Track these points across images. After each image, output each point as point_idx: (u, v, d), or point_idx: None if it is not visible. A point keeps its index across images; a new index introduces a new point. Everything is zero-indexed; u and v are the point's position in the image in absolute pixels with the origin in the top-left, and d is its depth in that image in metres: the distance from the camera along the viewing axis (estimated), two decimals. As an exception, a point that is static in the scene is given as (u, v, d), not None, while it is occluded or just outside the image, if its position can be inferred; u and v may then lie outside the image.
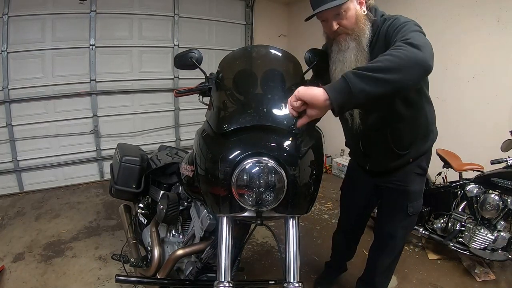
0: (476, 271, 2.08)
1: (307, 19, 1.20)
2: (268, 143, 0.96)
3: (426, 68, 0.94)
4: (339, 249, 1.92)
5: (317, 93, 0.89)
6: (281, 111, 1.03)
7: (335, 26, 1.18)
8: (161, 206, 1.40)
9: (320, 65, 1.28)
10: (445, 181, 2.38)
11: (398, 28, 1.12)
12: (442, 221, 2.24)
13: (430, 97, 1.38)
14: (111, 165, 1.96)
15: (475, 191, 2.08)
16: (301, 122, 0.93)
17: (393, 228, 1.52)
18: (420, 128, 1.38)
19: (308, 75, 1.33)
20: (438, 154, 2.40)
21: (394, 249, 1.57)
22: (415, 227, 2.29)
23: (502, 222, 1.99)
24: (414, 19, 1.20)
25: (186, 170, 1.30)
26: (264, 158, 0.92)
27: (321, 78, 1.38)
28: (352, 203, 1.72)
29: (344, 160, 4.00)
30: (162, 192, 1.63)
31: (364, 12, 1.20)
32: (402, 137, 1.35)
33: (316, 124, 1.21)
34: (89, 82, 3.61)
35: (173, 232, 1.53)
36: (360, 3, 1.20)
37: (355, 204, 1.70)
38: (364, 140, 1.42)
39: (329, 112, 0.93)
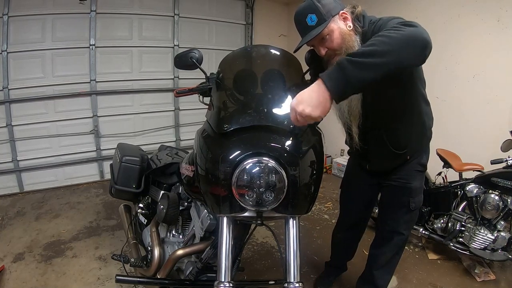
0: (476, 271, 2.08)
1: (295, 51, 1.20)
2: (269, 143, 0.96)
3: (424, 43, 0.89)
4: (339, 248, 1.92)
5: (319, 99, 0.87)
6: (282, 111, 1.03)
7: (323, 51, 1.19)
8: (161, 206, 1.40)
9: (320, 66, 1.28)
10: (445, 181, 2.38)
11: (384, 23, 1.10)
12: (442, 221, 2.24)
13: (426, 95, 1.39)
14: (111, 165, 1.96)
15: (475, 191, 2.07)
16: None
17: (396, 223, 1.54)
18: (416, 127, 1.39)
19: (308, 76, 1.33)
20: (438, 154, 2.40)
21: (396, 243, 1.58)
22: (415, 227, 2.29)
23: (502, 222, 1.99)
24: (413, 19, 1.21)
25: (186, 170, 1.30)
26: (264, 158, 0.92)
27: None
28: (352, 201, 1.72)
29: (344, 160, 4.00)
30: (162, 192, 1.63)
31: (350, 27, 1.17)
32: (399, 137, 1.37)
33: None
34: (89, 82, 3.61)
35: (173, 232, 1.53)
36: (344, 19, 1.17)
37: (355, 202, 1.70)
38: (361, 141, 1.43)
39: (331, 111, 0.93)
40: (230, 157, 0.94)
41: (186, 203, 1.47)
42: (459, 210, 2.18)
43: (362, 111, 1.31)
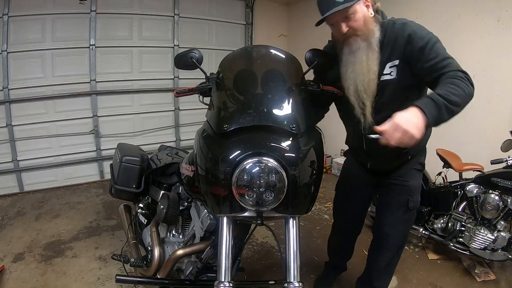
0: (476, 271, 2.08)
1: (317, 24, 1.23)
2: (269, 143, 0.96)
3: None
4: (337, 250, 1.93)
5: (421, 124, 1.01)
6: (282, 111, 1.03)
7: (345, 28, 1.21)
8: (161, 206, 1.40)
9: (321, 65, 1.28)
10: (445, 181, 2.38)
11: (425, 44, 1.18)
12: (442, 221, 2.24)
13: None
14: (111, 165, 1.96)
15: (475, 191, 2.07)
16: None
17: (394, 223, 1.53)
18: None
19: (308, 75, 1.33)
20: (438, 154, 2.40)
21: (395, 244, 1.57)
22: (415, 227, 2.30)
23: (502, 222, 1.99)
24: (413, 19, 1.22)
25: (186, 170, 1.30)
26: (264, 158, 0.92)
27: (321, 78, 1.39)
28: (349, 200, 1.71)
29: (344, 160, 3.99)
30: (162, 192, 1.63)
31: (371, 14, 1.23)
32: None
33: (316, 124, 1.21)
34: (89, 82, 3.61)
35: (173, 232, 1.53)
36: (367, 6, 1.23)
37: (353, 202, 1.69)
38: (368, 139, 1.42)
39: (331, 111, 0.92)
40: (230, 157, 0.94)
41: (186, 203, 1.47)
42: (459, 210, 2.18)
43: (376, 105, 1.32)
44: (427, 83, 1.27)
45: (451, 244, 2.13)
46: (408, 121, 0.98)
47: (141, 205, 1.75)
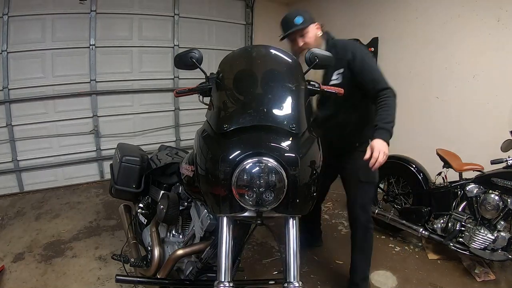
0: (476, 271, 2.08)
1: (281, 39, 1.68)
2: (269, 143, 0.96)
3: None
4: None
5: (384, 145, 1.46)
6: (282, 111, 1.03)
7: (301, 43, 1.65)
8: (161, 206, 1.40)
9: (321, 65, 1.28)
10: (445, 181, 2.38)
11: (354, 50, 1.63)
12: (442, 221, 2.24)
13: None
14: (111, 165, 1.96)
15: (475, 191, 2.07)
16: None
17: (354, 193, 1.84)
18: (363, 123, 1.76)
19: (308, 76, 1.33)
20: (438, 154, 2.40)
21: (359, 207, 1.82)
22: (415, 227, 2.30)
23: (502, 222, 1.99)
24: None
25: (186, 170, 1.30)
26: (264, 158, 0.92)
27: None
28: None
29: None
30: (162, 192, 1.63)
31: (320, 34, 1.69)
32: (348, 129, 1.77)
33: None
34: (89, 82, 3.61)
35: (173, 232, 1.53)
36: (317, 28, 1.69)
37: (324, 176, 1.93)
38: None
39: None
40: (230, 157, 0.94)
41: (186, 203, 1.47)
42: (459, 210, 2.18)
43: (320, 103, 1.68)
44: (362, 91, 1.64)
45: (451, 244, 2.13)
46: (383, 147, 1.44)
47: (141, 205, 1.75)
